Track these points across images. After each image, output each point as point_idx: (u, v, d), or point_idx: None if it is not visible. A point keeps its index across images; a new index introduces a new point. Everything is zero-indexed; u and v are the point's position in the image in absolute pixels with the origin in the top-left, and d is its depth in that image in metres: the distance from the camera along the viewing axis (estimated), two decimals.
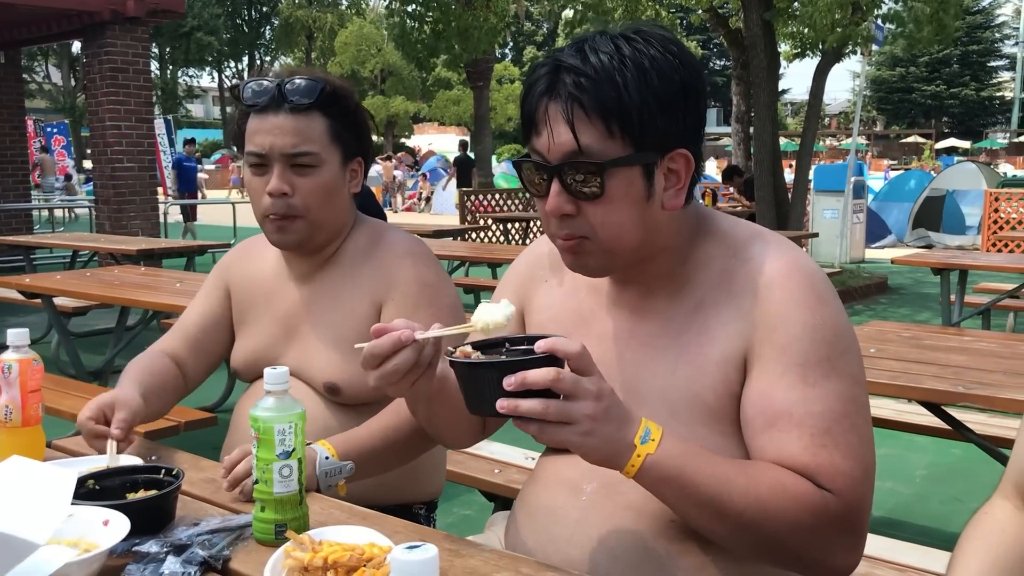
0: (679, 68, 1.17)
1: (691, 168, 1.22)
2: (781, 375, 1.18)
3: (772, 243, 1.26)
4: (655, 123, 1.15)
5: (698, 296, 1.26)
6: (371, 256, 1.80)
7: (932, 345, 3.01)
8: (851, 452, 1.16)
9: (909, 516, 3.80)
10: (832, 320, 1.19)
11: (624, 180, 1.17)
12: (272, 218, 1.72)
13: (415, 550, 0.74)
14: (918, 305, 9.26)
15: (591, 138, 1.15)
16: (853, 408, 1.18)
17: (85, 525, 1.19)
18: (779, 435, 1.17)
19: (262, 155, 1.70)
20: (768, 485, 1.13)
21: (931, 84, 49.91)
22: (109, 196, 9.80)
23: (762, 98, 10.21)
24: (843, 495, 1.14)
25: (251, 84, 1.72)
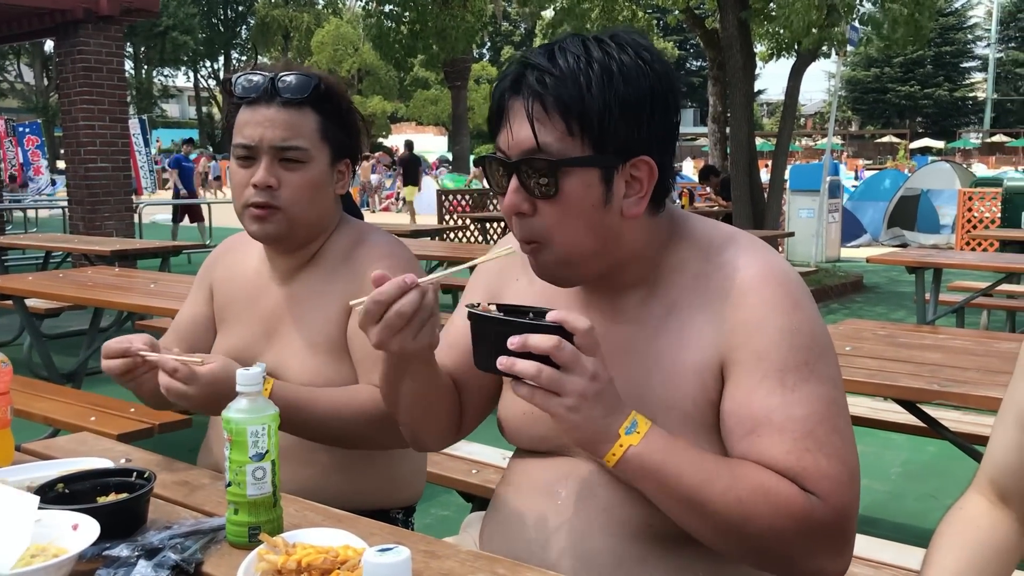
0: (649, 75, 1.15)
1: (654, 177, 1.19)
2: (760, 381, 1.17)
3: (747, 247, 1.25)
4: (616, 127, 1.14)
5: (671, 299, 1.24)
6: (351, 258, 1.78)
7: (907, 343, 3.03)
8: (835, 454, 1.14)
9: (885, 513, 3.83)
10: (808, 324, 1.19)
11: (581, 182, 1.16)
12: (252, 208, 1.69)
13: (387, 552, 0.73)
14: (893, 303, 9.34)
15: (550, 136, 1.14)
16: (834, 410, 1.17)
17: (54, 530, 1.17)
18: (761, 441, 1.16)
19: (250, 147, 1.68)
20: (751, 487, 1.12)
21: (905, 84, 50.38)
22: (83, 197, 9.69)
23: (738, 98, 10.26)
24: (829, 499, 1.13)
25: (243, 77, 1.69)
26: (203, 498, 1.44)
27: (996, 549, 1.13)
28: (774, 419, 1.15)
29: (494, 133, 1.22)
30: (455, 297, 8.20)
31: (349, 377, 1.72)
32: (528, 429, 1.34)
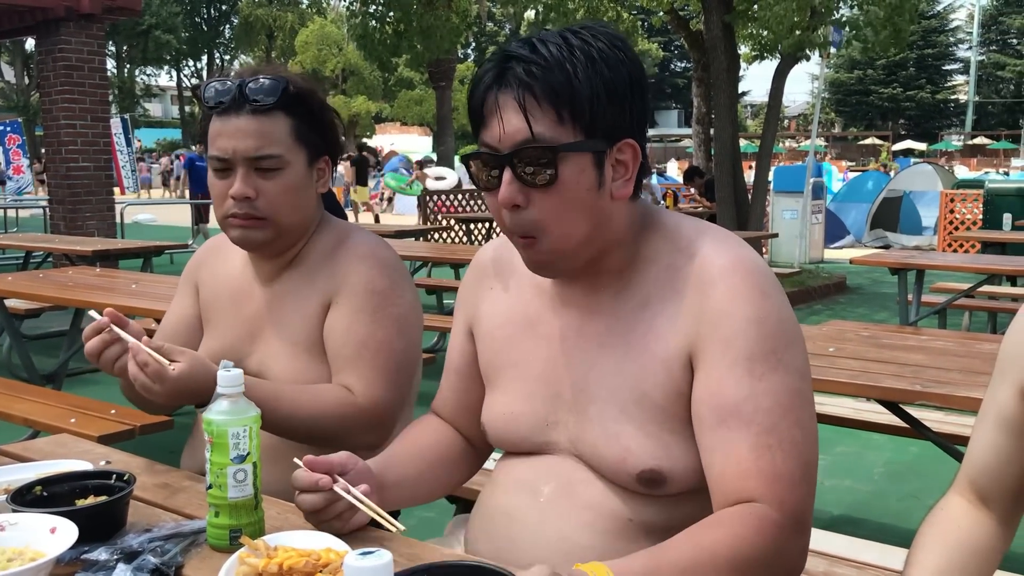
0: (625, 62, 1.18)
1: (638, 159, 1.22)
2: (729, 369, 1.17)
3: (716, 239, 1.26)
4: (604, 111, 1.16)
5: (644, 293, 1.25)
6: (332, 258, 1.76)
7: (890, 344, 3.04)
8: (794, 450, 1.15)
9: (867, 514, 3.84)
10: (776, 313, 1.19)
11: (576, 167, 1.17)
12: (234, 219, 1.68)
13: (369, 556, 0.72)
14: (876, 305, 9.38)
15: (543, 125, 1.15)
16: (799, 402, 1.18)
17: (31, 533, 1.16)
18: (729, 434, 1.16)
19: (225, 159, 1.66)
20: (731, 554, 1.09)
21: (888, 87, 50.68)
22: (64, 196, 9.62)
23: (722, 100, 10.29)
24: (782, 500, 1.14)
25: (212, 84, 1.68)
26: (184, 501, 1.43)
27: (977, 549, 1.13)
28: (742, 410, 1.16)
29: (477, 130, 1.21)
30: (440, 298, 8.19)
31: (328, 376, 1.72)
32: (510, 430, 1.35)
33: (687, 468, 1.21)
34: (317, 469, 1.25)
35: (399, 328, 1.72)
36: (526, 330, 1.35)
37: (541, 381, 1.32)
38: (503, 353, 1.38)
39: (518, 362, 1.35)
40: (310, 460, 1.26)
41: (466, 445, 1.54)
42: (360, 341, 1.69)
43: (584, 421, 1.27)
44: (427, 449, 1.49)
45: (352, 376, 1.68)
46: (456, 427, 1.54)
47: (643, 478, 1.22)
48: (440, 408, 1.56)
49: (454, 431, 1.53)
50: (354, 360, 1.68)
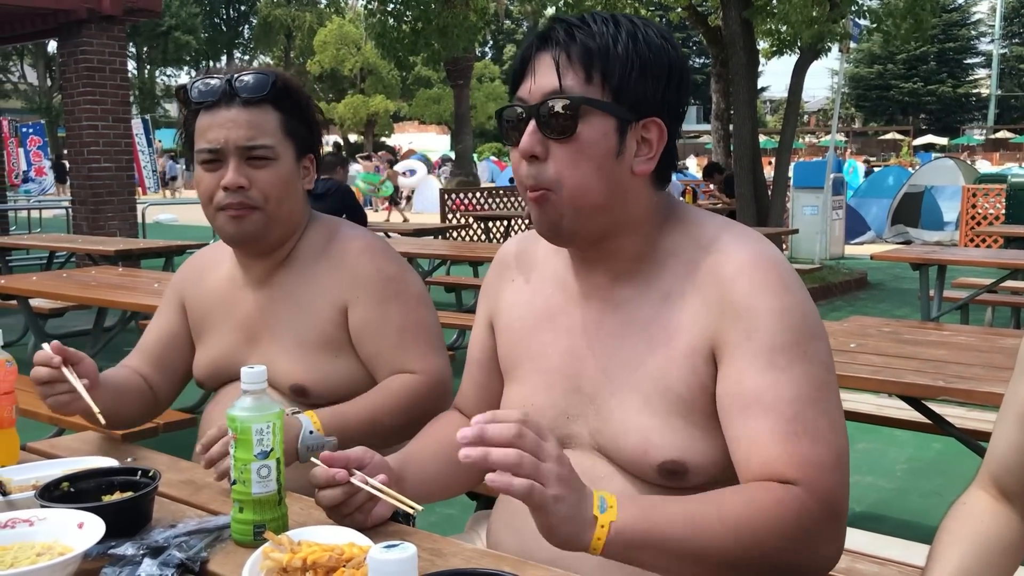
0: (669, 51, 1.22)
1: (663, 140, 1.23)
2: (751, 361, 1.17)
3: (737, 235, 1.26)
4: (635, 82, 1.19)
5: (665, 287, 1.26)
6: (327, 254, 1.78)
7: (912, 340, 3.02)
8: (821, 438, 1.15)
9: (890, 510, 3.82)
10: (799, 306, 1.19)
11: (597, 127, 1.19)
12: (227, 210, 1.68)
13: (393, 549, 0.73)
14: (897, 300, 9.32)
15: (572, 81, 1.19)
16: (824, 393, 1.17)
17: (59, 528, 1.17)
18: (751, 423, 1.16)
19: (216, 150, 1.66)
20: (739, 516, 1.10)
21: (909, 81, 50.29)
22: (86, 196, 9.71)
23: (741, 96, 10.25)
24: (812, 484, 1.13)
25: (199, 82, 1.69)
26: (208, 497, 1.44)
27: (999, 545, 1.13)
28: (764, 399, 1.15)
29: (515, 88, 1.25)
30: (459, 297, 8.20)
31: (347, 371, 1.74)
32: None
33: (709, 460, 1.22)
34: (334, 464, 1.26)
35: (423, 303, 1.78)
36: (546, 322, 1.35)
37: (561, 373, 1.32)
38: (522, 344, 1.38)
39: (537, 354, 1.35)
40: (327, 456, 1.27)
41: None
42: (399, 327, 1.73)
43: (605, 413, 1.27)
44: (448, 444, 1.50)
45: (405, 360, 1.73)
46: None
47: (664, 469, 1.22)
48: (462, 403, 1.57)
49: None
50: (401, 345, 1.73)
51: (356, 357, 1.76)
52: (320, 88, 45.41)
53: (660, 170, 1.27)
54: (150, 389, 1.87)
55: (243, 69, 1.70)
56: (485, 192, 14.58)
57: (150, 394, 1.86)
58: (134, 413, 1.82)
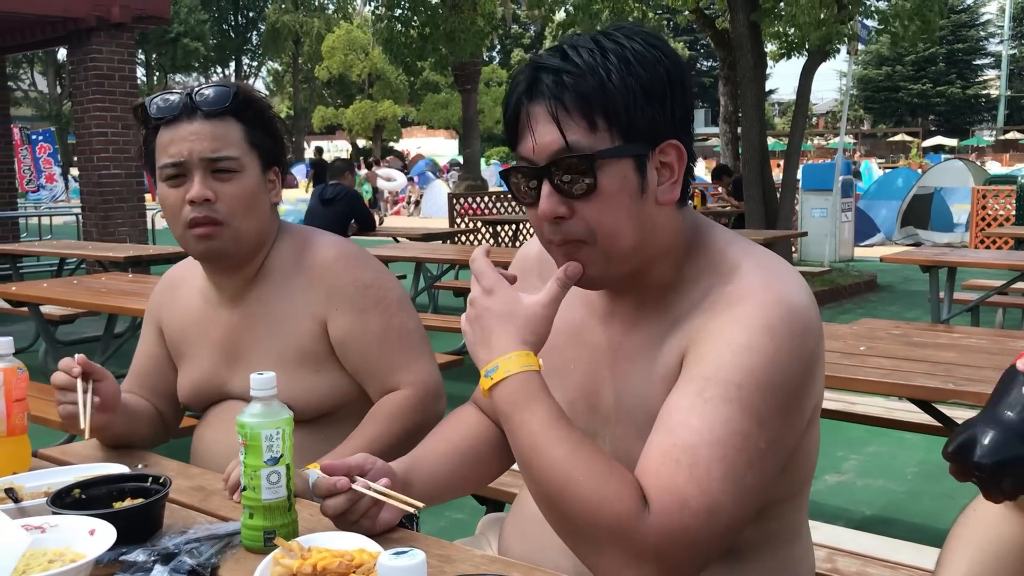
0: (662, 60, 1.15)
1: (684, 160, 1.17)
2: (686, 382, 1.12)
3: (763, 269, 1.18)
4: (642, 113, 1.12)
5: (678, 312, 1.21)
6: (300, 266, 1.75)
7: (922, 342, 3.01)
8: (702, 481, 1.05)
9: (901, 514, 3.81)
10: (770, 355, 1.09)
11: (617, 174, 1.13)
12: (195, 226, 1.65)
13: (402, 556, 0.73)
14: (907, 303, 9.29)
15: (577, 134, 1.12)
16: (738, 443, 1.06)
17: (71, 535, 1.18)
18: (652, 435, 1.11)
19: (180, 163, 1.64)
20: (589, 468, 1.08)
21: (917, 83, 50.11)
22: (96, 203, 9.74)
23: (749, 98, 10.23)
24: (660, 517, 1.04)
25: (158, 97, 1.66)
26: (218, 503, 1.45)
27: (1011, 550, 1.12)
28: (672, 418, 1.10)
29: (514, 143, 1.20)
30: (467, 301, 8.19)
31: (328, 384, 1.72)
32: None
33: None
34: (335, 473, 1.27)
35: (403, 307, 1.76)
36: (571, 338, 1.31)
37: (581, 391, 1.29)
38: (545, 358, 1.32)
39: (560, 370, 1.31)
40: (328, 465, 1.28)
41: (502, 439, 1.52)
42: (380, 336, 1.72)
43: (617, 438, 1.25)
44: (460, 444, 1.49)
45: (391, 371, 1.72)
46: (494, 419, 1.53)
47: None
48: (480, 399, 1.56)
49: (491, 425, 1.53)
50: (385, 355, 1.72)
51: (339, 370, 1.73)
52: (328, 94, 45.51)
53: (686, 188, 1.21)
54: (159, 413, 1.87)
55: (202, 84, 1.69)
56: (493, 196, 14.58)
57: (159, 418, 1.87)
58: (147, 436, 1.83)
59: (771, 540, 1.26)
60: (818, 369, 1.17)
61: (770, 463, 1.11)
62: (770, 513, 1.20)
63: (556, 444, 1.10)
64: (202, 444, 1.78)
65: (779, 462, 1.13)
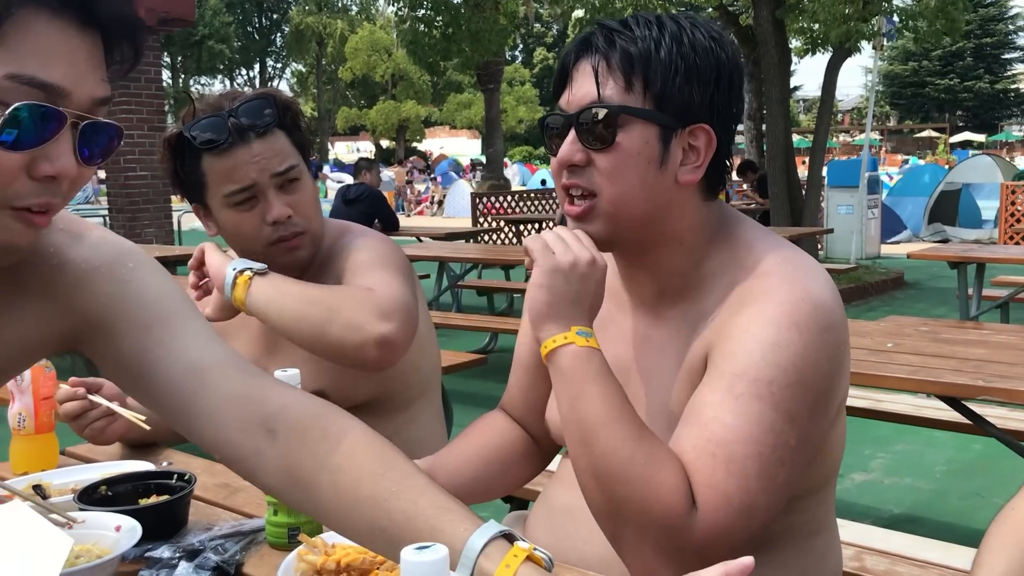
0: (716, 51, 1.16)
1: (712, 147, 1.17)
2: (715, 378, 1.11)
3: (790, 265, 1.16)
4: (679, 87, 1.14)
5: (702, 306, 1.20)
6: (333, 254, 1.76)
7: (950, 339, 2.98)
8: (741, 477, 1.04)
9: (929, 512, 3.77)
10: (797, 350, 1.09)
11: (638, 136, 1.15)
12: (281, 243, 1.66)
13: (425, 551, 0.72)
14: (935, 300, 9.20)
15: (611, 90, 1.15)
16: (771, 440, 1.06)
17: (97, 531, 1.19)
18: (681, 430, 1.11)
19: (250, 187, 1.62)
20: (649, 453, 1.06)
21: (944, 78, 49.60)
22: (123, 204, 9.84)
23: (774, 95, 10.17)
24: (705, 513, 1.04)
25: (195, 128, 1.60)
26: (243, 500, 1.45)
27: None
28: (703, 413, 1.09)
29: (557, 96, 1.23)
30: (491, 301, 8.20)
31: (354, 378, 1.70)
32: None
33: None
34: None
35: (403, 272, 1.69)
36: (599, 331, 1.29)
37: None
38: None
39: None
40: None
41: (531, 445, 1.52)
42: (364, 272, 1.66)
43: None
44: (486, 448, 1.49)
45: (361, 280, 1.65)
46: (524, 425, 1.53)
47: None
48: (508, 405, 1.55)
49: (520, 430, 1.52)
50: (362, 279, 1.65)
51: None
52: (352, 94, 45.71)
53: (709, 180, 1.21)
54: None
55: (234, 96, 1.65)
56: (516, 196, 14.59)
57: None
58: (172, 433, 1.83)
59: (795, 532, 1.25)
60: (844, 364, 1.17)
61: (799, 460, 1.10)
62: (795, 507, 1.19)
63: (620, 425, 1.09)
64: None
65: (807, 458, 1.13)
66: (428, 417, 1.88)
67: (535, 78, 49.97)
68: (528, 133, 45.64)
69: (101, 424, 1.60)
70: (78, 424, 1.60)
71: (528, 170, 29.47)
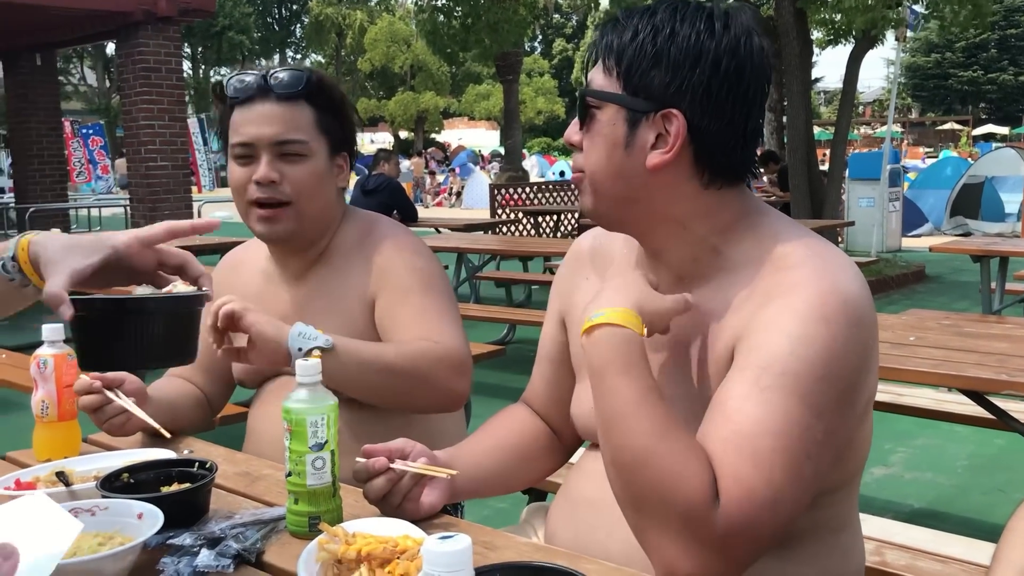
0: (702, 39, 1.15)
1: (682, 134, 1.16)
2: (740, 371, 1.10)
3: (819, 256, 1.15)
4: (643, 72, 1.17)
5: (727, 296, 1.19)
6: (361, 250, 1.77)
7: (973, 333, 2.95)
8: (765, 470, 1.03)
9: (950, 507, 3.74)
10: (826, 344, 1.07)
11: (607, 119, 1.20)
12: (259, 207, 1.69)
13: (448, 540, 0.72)
14: (956, 294, 9.12)
15: (596, 74, 1.22)
16: (797, 434, 1.05)
17: (120, 518, 1.19)
18: (706, 423, 1.10)
19: (249, 144, 1.68)
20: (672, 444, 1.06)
21: (968, 70, 49.04)
22: (144, 195, 9.89)
23: (795, 87, 10.10)
24: (729, 506, 1.02)
25: (235, 78, 1.70)
26: (263, 488, 1.46)
27: None
28: (728, 405, 1.08)
29: None
30: (508, 292, 8.20)
31: None
32: None
33: None
34: (375, 455, 1.29)
35: (447, 295, 1.75)
36: None
37: None
38: None
39: None
40: (368, 448, 1.30)
41: (552, 439, 1.52)
42: (419, 310, 1.70)
43: None
44: (506, 441, 1.49)
45: (422, 332, 1.68)
46: (546, 418, 1.53)
47: None
48: (531, 398, 1.55)
49: (542, 423, 1.52)
50: (422, 325, 1.68)
51: None
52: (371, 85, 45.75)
53: (704, 168, 1.19)
54: (203, 395, 1.89)
55: (280, 67, 1.72)
56: (535, 187, 14.56)
57: (204, 400, 1.89)
58: (192, 420, 1.84)
59: (819, 528, 1.24)
60: (872, 359, 1.16)
61: (826, 455, 1.09)
62: (821, 502, 1.18)
63: (646, 415, 1.08)
64: (261, 421, 1.79)
65: (834, 453, 1.12)
66: None
67: (554, 69, 49.80)
68: (547, 124, 45.52)
69: (120, 420, 1.61)
70: (97, 418, 1.61)
71: (547, 161, 29.42)
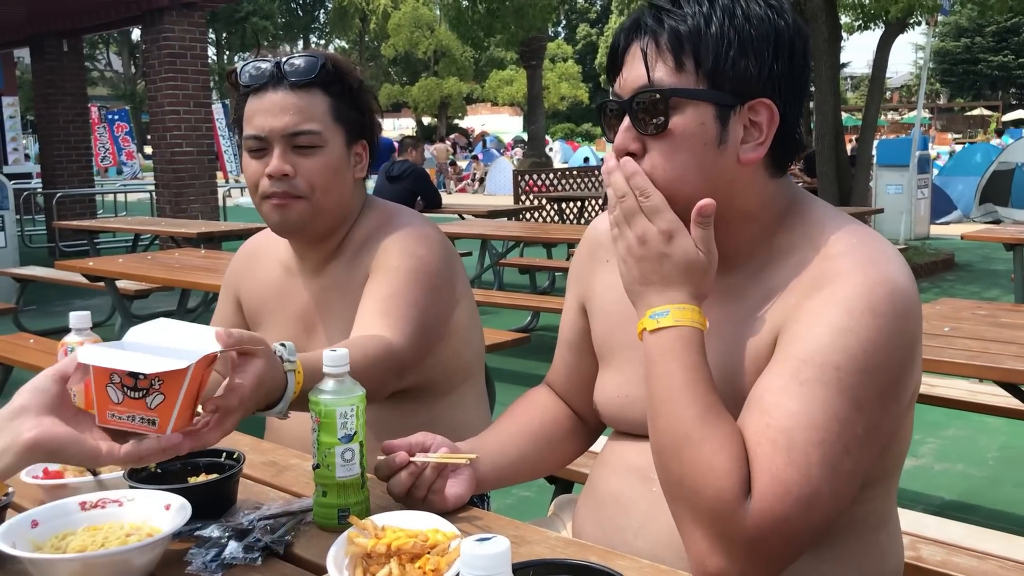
0: (773, 20, 1.11)
1: (775, 123, 1.12)
2: (780, 362, 1.07)
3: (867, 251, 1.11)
4: (733, 62, 1.09)
5: (770, 285, 1.16)
6: (376, 241, 1.70)
7: (1009, 323, 2.89)
8: (801, 465, 1.00)
9: (982, 500, 3.69)
10: (870, 336, 1.04)
11: (693, 118, 1.10)
12: (271, 198, 1.64)
13: (486, 543, 0.70)
14: (987, 282, 9.00)
15: (662, 72, 1.10)
16: (836, 428, 1.01)
17: (147, 509, 1.18)
18: (744, 415, 1.07)
19: (261, 137, 1.62)
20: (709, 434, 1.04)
21: (998, 54, 48.34)
22: (169, 180, 9.94)
23: (823, 72, 9.97)
24: (761, 502, 1.00)
25: (249, 65, 1.65)
26: (291, 479, 1.44)
27: None
28: (766, 398, 1.05)
29: (611, 80, 1.19)
30: (533, 279, 8.17)
31: None
32: (624, 414, 1.30)
33: None
34: (394, 450, 1.27)
35: (431, 292, 1.64)
36: None
37: None
38: (619, 331, 1.31)
39: (636, 343, 1.25)
40: (388, 444, 1.28)
41: (576, 423, 1.50)
42: (388, 294, 1.61)
43: None
44: (530, 427, 1.46)
45: (378, 325, 1.57)
46: (569, 402, 1.50)
47: None
48: (554, 381, 1.53)
49: (565, 407, 1.50)
50: (380, 312, 1.59)
51: None
52: (394, 71, 45.75)
53: (775, 156, 1.16)
54: None
55: (294, 53, 1.66)
56: (558, 173, 14.51)
57: None
58: None
59: (858, 526, 1.20)
60: (918, 352, 1.12)
61: (867, 450, 1.06)
62: (860, 497, 1.15)
63: (690, 403, 1.06)
64: None
65: (876, 449, 1.08)
66: (471, 400, 1.85)
67: (578, 55, 49.56)
68: (570, 110, 45.34)
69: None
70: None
71: (570, 147, 29.31)
